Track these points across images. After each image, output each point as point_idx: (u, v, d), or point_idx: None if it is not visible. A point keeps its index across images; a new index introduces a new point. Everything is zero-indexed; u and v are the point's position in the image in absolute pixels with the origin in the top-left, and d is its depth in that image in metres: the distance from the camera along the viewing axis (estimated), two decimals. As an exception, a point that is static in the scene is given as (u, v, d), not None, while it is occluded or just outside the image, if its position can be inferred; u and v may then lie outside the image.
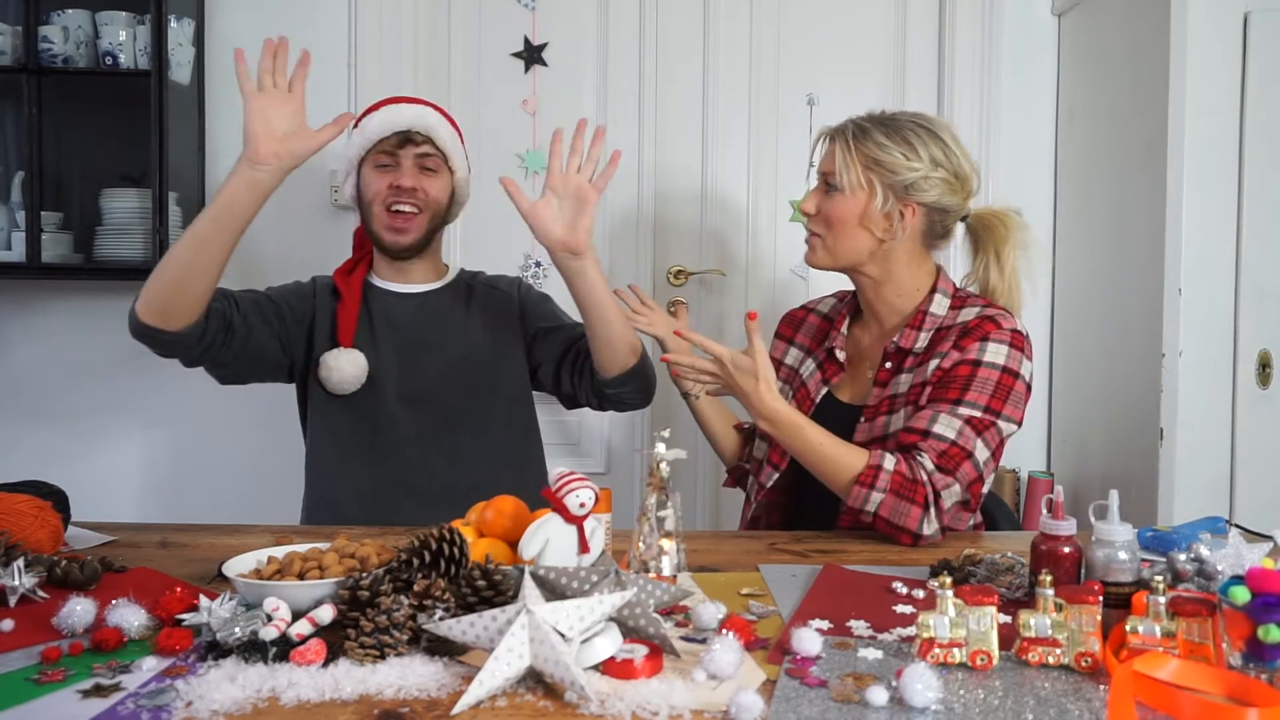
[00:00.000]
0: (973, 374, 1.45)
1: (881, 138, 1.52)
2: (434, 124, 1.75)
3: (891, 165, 1.51)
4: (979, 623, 0.90)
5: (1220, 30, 2.07)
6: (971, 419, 1.42)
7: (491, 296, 1.87)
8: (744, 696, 0.79)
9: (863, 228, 1.54)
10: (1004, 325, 1.49)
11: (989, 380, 1.45)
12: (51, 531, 1.28)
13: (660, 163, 2.61)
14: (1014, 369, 1.46)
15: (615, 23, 2.59)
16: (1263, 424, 2.10)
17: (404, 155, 1.74)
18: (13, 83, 2.30)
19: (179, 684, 0.84)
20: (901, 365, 1.55)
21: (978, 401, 1.43)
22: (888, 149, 1.51)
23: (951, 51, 2.58)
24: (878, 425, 1.54)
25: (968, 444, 1.41)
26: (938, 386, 1.47)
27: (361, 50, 2.52)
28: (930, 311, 1.55)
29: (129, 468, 2.58)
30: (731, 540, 1.46)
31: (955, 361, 1.48)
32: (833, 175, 1.54)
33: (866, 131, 1.53)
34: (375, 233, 1.78)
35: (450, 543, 1.02)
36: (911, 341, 1.54)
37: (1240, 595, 0.83)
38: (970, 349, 1.47)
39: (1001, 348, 1.47)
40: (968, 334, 1.49)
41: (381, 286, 1.83)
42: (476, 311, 1.84)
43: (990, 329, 1.49)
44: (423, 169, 1.75)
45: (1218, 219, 2.08)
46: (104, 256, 2.34)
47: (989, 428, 1.43)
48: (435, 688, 0.85)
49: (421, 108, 1.77)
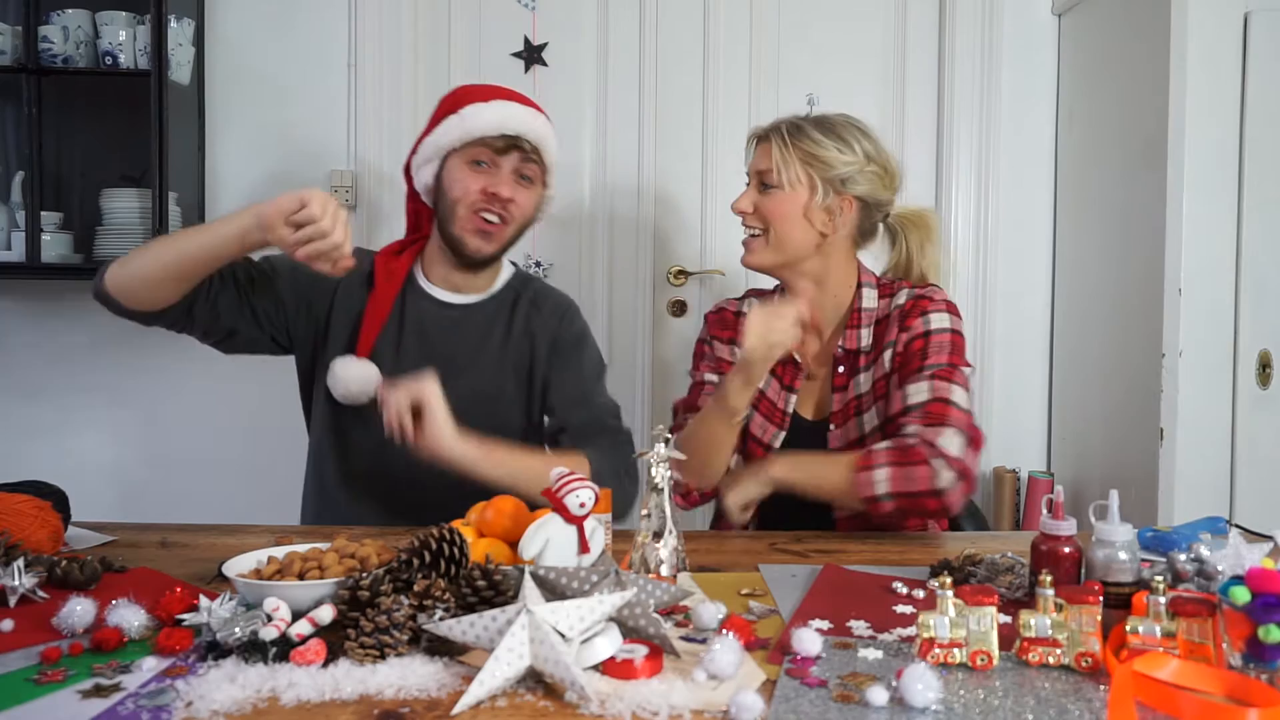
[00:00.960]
0: (926, 344, 1.54)
1: (816, 134, 1.56)
2: (545, 135, 1.63)
3: (828, 160, 1.55)
4: (979, 623, 0.90)
5: (1220, 30, 2.07)
6: (936, 373, 1.50)
7: (532, 321, 1.72)
8: (744, 696, 0.79)
9: (805, 221, 1.57)
10: (936, 297, 1.59)
11: (942, 344, 1.54)
12: (51, 531, 1.28)
13: (660, 163, 2.61)
14: (957, 329, 1.57)
15: (615, 23, 2.59)
16: (1263, 424, 2.10)
17: (505, 161, 1.60)
18: (13, 83, 2.30)
19: (179, 684, 0.84)
20: (856, 365, 1.61)
21: (939, 361, 1.52)
22: (823, 144, 1.56)
23: (951, 51, 2.58)
24: (851, 429, 1.60)
25: (943, 393, 1.48)
26: (901, 369, 1.55)
27: (361, 50, 2.52)
28: (864, 307, 1.61)
29: (129, 467, 2.58)
30: (731, 540, 1.46)
31: (906, 341, 1.55)
32: (769, 173, 1.57)
33: (801, 129, 1.57)
34: (455, 235, 1.62)
35: (450, 543, 1.02)
36: (856, 341, 1.60)
37: (1240, 595, 0.83)
38: (915, 325, 1.56)
39: (942, 316, 1.56)
40: (908, 314, 1.57)
41: (425, 288, 1.69)
42: (514, 337, 1.71)
43: (925, 304, 1.57)
44: (520, 177, 1.62)
45: (1218, 219, 2.08)
46: (104, 256, 2.34)
47: (953, 373, 1.51)
48: (435, 688, 0.85)
49: (534, 113, 1.63)
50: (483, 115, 1.58)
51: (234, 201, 2.54)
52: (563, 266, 2.62)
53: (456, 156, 1.61)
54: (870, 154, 1.59)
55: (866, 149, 1.58)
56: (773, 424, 1.65)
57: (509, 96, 1.63)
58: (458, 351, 1.68)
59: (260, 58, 2.53)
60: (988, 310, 2.61)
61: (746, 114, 2.59)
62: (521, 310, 1.73)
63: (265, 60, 2.53)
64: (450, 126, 1.60)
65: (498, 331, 1.71)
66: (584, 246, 2.64)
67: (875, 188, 1.60)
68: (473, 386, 1.65)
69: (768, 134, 1.60)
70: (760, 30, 2.61)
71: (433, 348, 1.66)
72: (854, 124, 1.60)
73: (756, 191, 1.60)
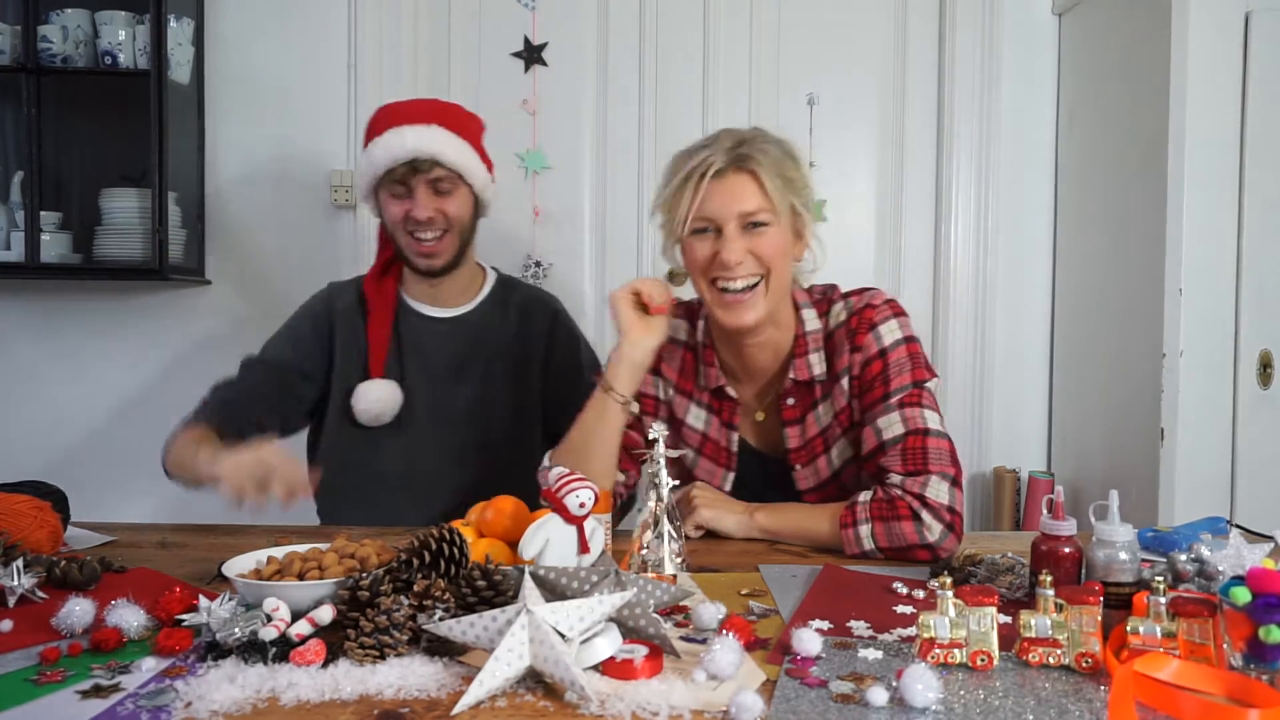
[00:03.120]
0: (885, 366, 1.42)
1: (775, 151, 1.39)
2: (440, 147, 1.65)
3: (797, 181, 1.41)
4: (979, 623, 0.90)
5: (1221, 30, 2.07)
6: (903, 400, 1.40)
7: (524, 327, 1.79)
8: (744, 696, 0.79)
9: (788, 257, 1.42)
10: (877, 303, 1.46)
11: (900, 362, 1.42)
12: (51, 532, 1.28)
13: (660, 162, 2.59)
14: (910, 335, 1.45)
15: (615, 23, 2.59)
16: (1263, 424, 2.10)
17: (416, 182, 1.66)
18: (12, 82, 2.30)
19: (178, 684, 0.84)
20: (812, 397, 1.48)
21: (902, 384, 1.41)
22: (792, 166, 1.40)
23: (951, 51, 2.58)
24: (820, 466, 1.49)
25: (917, 423, 1.38)
26: (863, 396, 1.44)
27: (361, 50, 2.52)
28: (807, 332, 1.47)
29: (128, 467, 2.58)
30: (731, 540, 1.46)
31: (862, 364, 1.43)
32: (761, 211, 1.37)
33: (767, 151, 1.38)
34: (406, 258, 1.72)
35: (450, 543, 1.02)
36: (807, 370, 1.46)
37: (1241, 596, 0.83)
38: (867, 344, 1.43)
39: (891, 324, 1.44)
40: (855, 332, 1.44)
41: (414, 308, 1.78)
42: (508, 344, 1.78)
43: (871, 315, 1.44)
44: (437, 192, 1.68)
45: (1218, 219, 2.08)
46: (103, 256, 2.34)
47: (920, 395, 1.41)
48: (435, 688, 0.85)
49: (424, 129, 1.65)
50: (376, 150, 1.66)
51: (234, 201, 2.54)
52: (563, 266, 2.62)
53: (381, 189, 1.69)
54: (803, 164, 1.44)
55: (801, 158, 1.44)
56: (719, 465, 1.54)
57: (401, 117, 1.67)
58: (453, 362, 1.74)
59: (260, 58, 2.53)
60: (988, 310, 2.61)
61: (746, 114, 2.59)
62: (511, 316, 1.80)
63: (265, 60, 2.53)
64: (363, 165, 1.69)
65: (490, 339, 1.77)
66: (584, 246, 2.64)
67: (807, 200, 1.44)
68: (470, 395, 1.70)
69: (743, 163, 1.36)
70: (760, 30, 2.61)
71: (430, 361, 1.74)
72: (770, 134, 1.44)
73: (742, 234, 1.37)
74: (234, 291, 2.54)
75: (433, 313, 1.77)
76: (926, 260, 2.64)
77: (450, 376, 1.74)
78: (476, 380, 1.74)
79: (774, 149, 1.40)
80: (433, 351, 1.74)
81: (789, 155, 1.42)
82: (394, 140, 1.65)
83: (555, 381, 1.79)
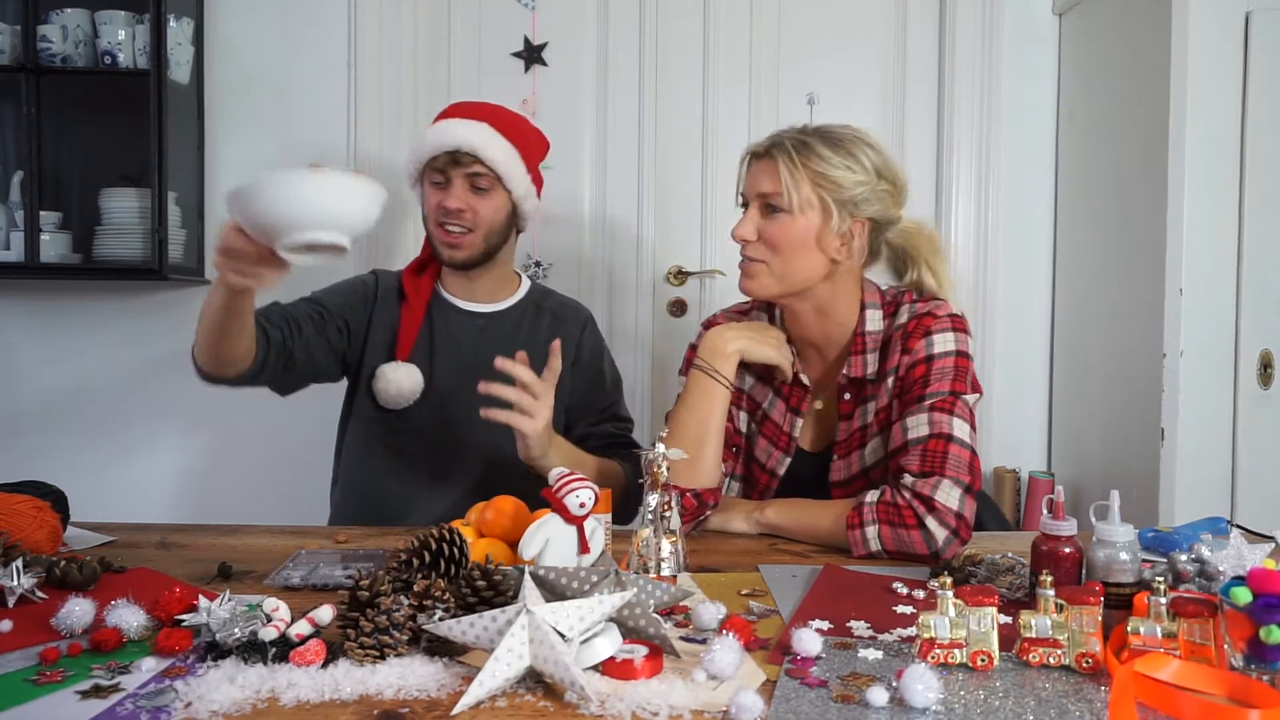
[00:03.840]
0: (928, 370, 1.43)
1: (825, 150, 1.43)
2: (483, 144, 1.69)
3: (839, 180, 1.43)
4: (979, 623, 0.90)
5: (1221, 30, 2.07)
6: (935, 404, 1.40)
7: (556, 331, 1.82)
8: (744, 697, 0.79)
9: (818, 249, 1.45)
10: (939, 314, 1.47)
11: (945, 370, 1.43)
12: (50, 531, 1.28)
13: (660, 162, 2.60)
14: (963, 350, 1.46)
15: (615, 23, 2.59)
16: (1264, 424, 2.10)
17: (454, 174, 1.71)
18: (12, 82, 2.30)
19: (178, 684, 0.84)
20: (863, 394, 1.51)
21: (940, 390, 1.42)
22: (833, 162, 1.43)
23: (951, 51, 2.58)
24: (853, 461, 1.51)
25: (943, 428, 1.38)
26: (901, 396, 1.45)
27: (361, 50, 2.52)
28: (867, 331, 1.50)
29: (127, 466, 2.58)
30: (731, 540, 1.46)
31: (908, 366, 1.45)
32: (776, 196, 1.43)
33: (808, 145, 1.43)
34: (434, 247, 1.77)
35: (450, 543, 1.01)
36: (862, 368, 1.49)
37: (1242, 596, 0.83)
38: (918, 348, 1.45)
39: (947, 335, 1.45)
40: (910, 335, 1.46)
41: (448, 300, 1.81)
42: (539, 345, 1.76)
43: (929, 323, 1.46)
44: (474, 188, 1.71)
45: (1218, 219, 2.08)
46: (103, 256, 2.34)
47: (954, 404, 1.41)
48: (435, 688, 0.84)
49: (473, 125, 1.70)
50: (429, 137, 1.72)
51: (234, 201, 2.53)
52: (563, 266, 2.62)
53: (424, 178, 1.75)
54: (880, 169, 1.46)
55: (876, 164, 1.46)
56: (778, 448, 1.57)
57: (459, 112, 1.73)
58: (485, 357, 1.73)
59: (260, 57, 2.53)
60: (988, 310, 2.61)
61: (746, 114, 2.59)
62: (545, 320, 1.84)
63: (265, 60, 2.53)
64: (411, 152, 1.75)
65: (522, 339, 1.80)
66: (584, 246, 2.64)
67: (886, 206, 1.47)
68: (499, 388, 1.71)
69: (770, 151, 1.45)
70: (760, 30, 2.61)
71: (463, 353, 1.77)
72: (860, 136, 1.48)
73: (760, 215, 1.46)
74: (234, 291, 2.54)
75: (467, 306, 1.82)
76: (927, 260, 2.64)
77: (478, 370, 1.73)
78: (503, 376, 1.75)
79: (824, 147, 1.44)
80: (464, 344, 1.78)
81: (842, 155, 1.44)
82: (442, 130, 1.71)
83: (576, 387, 1.82)
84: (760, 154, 1.47)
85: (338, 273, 1.89)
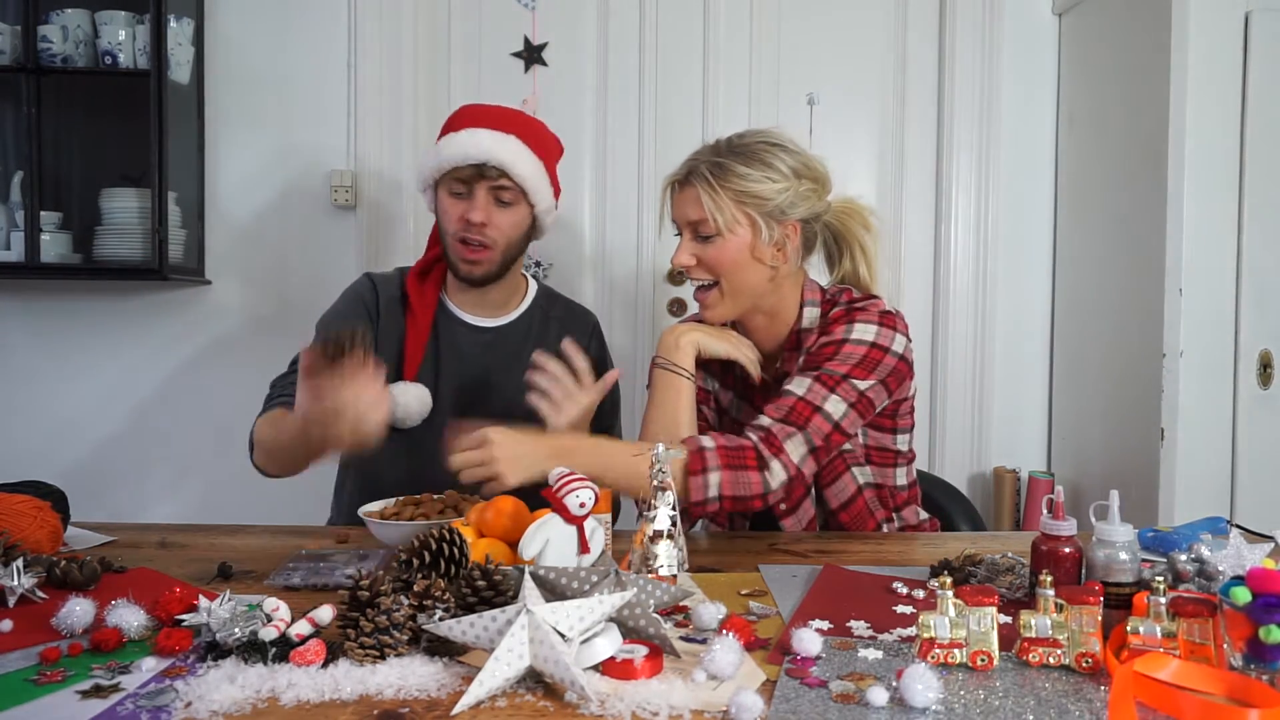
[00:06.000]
0: (836, 350, 1.44)
1: (741, 167, 1.45)
2: (512, 158, 1.63)
3: (761, 193, 1.44)
4: (979, 623, 0.90)
5: (1220, 30, 2.07)
6: (821, 377, 1.42)
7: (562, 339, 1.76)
8: (744, 696, 0.79)
9: (755, 261, 1.47)
10: (871, 309, 1.49)
11: (853, 354, 1.44)
12: (51, 531, 1.28)
13: (660, 162, 2.60)
14: (884, 344, 1.45)
15: (615, 23, 2.59)
16: (1263, 424, 2.10)
17: (478, 187, 1.64)
18: (12, 82, 2.30)
19: (178, 684, 0.84)
20: None
21: (836, 369, 1.43)
22: (751, 177, 1.44)
23: (951, 51, 2.58)
24: None
25: (815, 398, 1.40)
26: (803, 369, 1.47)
27: (361, 50, 2.52)
28: (802, 329, 1.53)
29: (126, 466, 2.58)
30: (731, 540, 1.46)
31: (820, 344, 1.47)
32: (703, 223, 1.46)
33: (722, 166, 1.45)
34: (450, 260, 1.71)
35: (450, 543, 1.02)
36: (795, 365, 1.51)
37: (1241, 596, 0.83)
38: (835, 331, 1.47)
39: (869, 327, 1.46)
40: (833, 323, 1.49)
41: (454, 313, 1.76)
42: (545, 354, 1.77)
43: (856, 315, 1.48)
44: (497, 201, 1.65)
45: (1218, 219, 2.08)
46: (103, 256, 2.34)
47: (840, 384, 1.41)
48: (435, 688, 0.84)
49: (501, 137, 1.63)
50: (451, 144, 1.63)
51: (234, 201, 2.54)
52: (563, 266, 2.62)
53: (441, 185, 1.67)
54: (798, 170, 1.47)
55: (793, 166, 1.47)
56: None
57: (481, 119, 1.65)
58: (491, 371, 1.74)
59: (260, 58, 2.53)
60: (988, 310, 2.61)
61: (746, 114, 2.59)
62: (552, 331, 1.79)
63: (265, 60, 2.53)
64: (429, 158, 1.67)
65: (528, 352, 1.75)
66: (584, 246, 2.64)
67: (812, 203, 1.49)
68: (506, 407, 1.71)
69: (688, 178, 1.47)
70: (760, 30, 2.61)
71: (468, 370, 1.73)
72: (773, 142, 1.49)
73: (693, 242, 1.49)
74: (234, 291, 2.55)
75: (474, 321, 1.76)
76: (926, 260, 2.65)
77: (482, 386, 1.74)
78: (508, 392, 1.75)
79: (739, 164, 1.45)
80: (469, 360, 1.74)
81: (758, 167, 1.45)
82: (468, 140, 1.62)
83: None
84: (681, 181, 1.49)
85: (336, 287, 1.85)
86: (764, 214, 1.45)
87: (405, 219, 2.54)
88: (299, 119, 2.54)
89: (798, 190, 1.47)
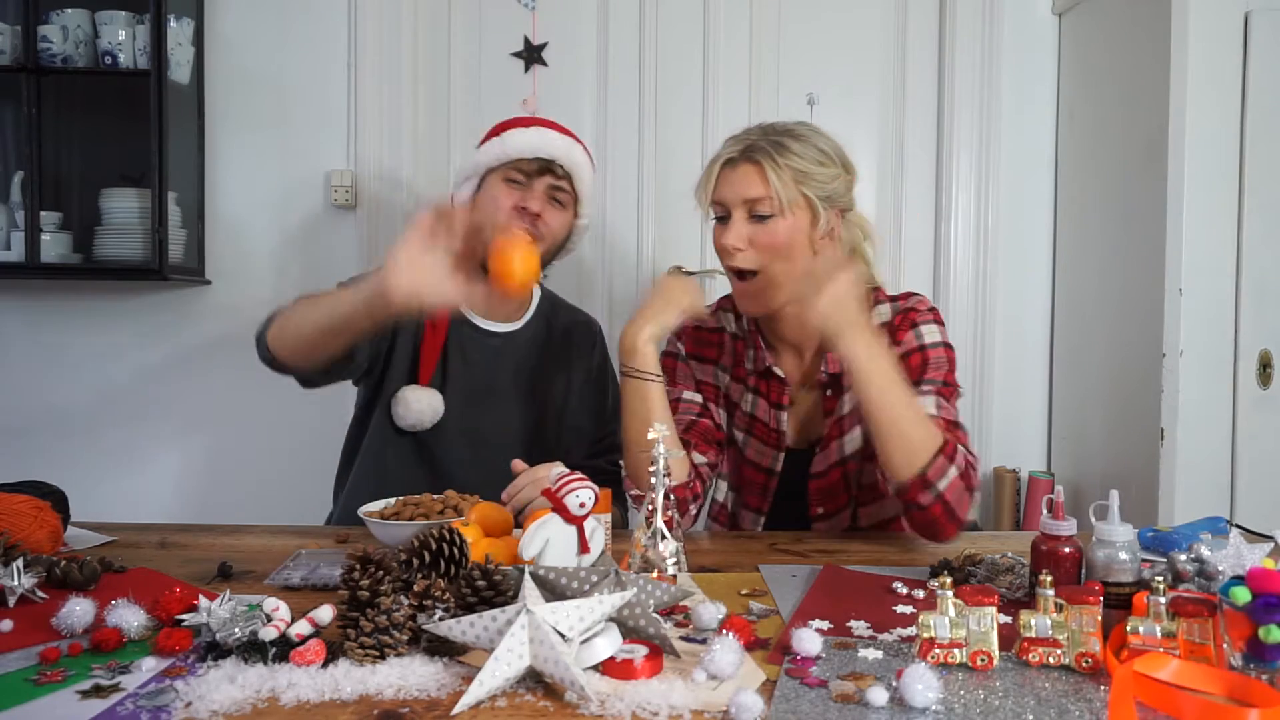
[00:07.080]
0: (924, 359, 1.47)
1: (798, 147, 1.42)
2: (579, 165, 1.69)
3: (817, 175, 1.43)
4: (979, 623, 0.90)
5: (1220, 30, 2.07)
6: (939, 390, 1.45)
7: (567, 349, 1.81)
8: (744, 696, 0.79)
9: (809, 249, 1.44)
10: (921, 308, 1.52)
11: (940, 360, 1.47)
12: (50, 531, 1.28)
13: (660, 162, 2.60)
14: (948, 342, 1.51)
15: (615, 23, 2.59)
16: (1263, 424, 2.10)
17: (538, 181, 1.67)
18: (12, 82, 2.30)
19: (178, 684, 0.84)
20: (842, 387, 1.52)
21: (936, 378, 1.46)
22: (809, 158, 1.42)
23: (951, 51, 2.58)
24: (832, 451, 1.54)
25: (950, 414, 1.43)
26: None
27: (361, 50, 2.52)
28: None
29: (125, 465, 2.58)
30: (731, 540, 1.46)
31: (902, 356, 1.46)
32: (764, 200, 1.41)
33: (783, 144, 1.42)
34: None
35: (450, 543, 1.02)
36: (839, 365, 1.48)
37: (1241, 595, 0.83)
38: (908, 339, 1.49)
39: (932, 328, 1.50)
40: (897, 329, 1.50)
41: (467, 315, 1.76)
42: (551, 362, 1.79)
43: (914, 316, 1.50)
44: (552, 199, 1.69)
45: (1218, 219, 2.08)
46: (103, 256, 2.34)
47: (953, 394, 1.47)
48: (435, 688, 0.84)
49: (572, 143, 1.69)
50: (521, 138, 1.66)
51: (234, 201, 2.54)
52: (562, 267, 2.60)
53: (494, 174, 1.68)
54: (841, 158, 1.46)
55: (837, 153, 1.46)
56: (769, 446, 1.57)
57: (551, 125, 1.70)
58: (498, 377, 1.75)
59: (260, 57, 2.53)
60: (988, 310, 2.61)
61: (746, 114, 2.59)
62: (556, 337, 1.81)
63: (265, 60, 2.53)
64: (490, 146, 1.68)
65: (534, 360, 1.78)
66: (584, 246, 2.63)
67: (849, 194, 1.49)
68: (509, 412, 1.73)
69: (748, 155, 1.43)
70: (760, 30, 2.61)
71: (477, 377, 1.74)
72: (815, 129, 1.48)
73: (748, 222, 1.43)
74: (234, 291, 2.54)
75: (485, 325, 1.77)
76: (926, 260, 2.64)
77: (489, 391, 1.74)
78: (514, 398, 1.75)
79: (796, 144, 1.43)
80: (479, 366, 1.74)
81: (812, 150, 1.44)
82: (538, 136, 1.66)
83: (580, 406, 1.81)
84: (735, 159, 1.44)
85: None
86: (820, 197, 1.43)
87: (405, 219, 2.54)
88: (299, 119, 2.54)
89: (844, 179, 1.47)
